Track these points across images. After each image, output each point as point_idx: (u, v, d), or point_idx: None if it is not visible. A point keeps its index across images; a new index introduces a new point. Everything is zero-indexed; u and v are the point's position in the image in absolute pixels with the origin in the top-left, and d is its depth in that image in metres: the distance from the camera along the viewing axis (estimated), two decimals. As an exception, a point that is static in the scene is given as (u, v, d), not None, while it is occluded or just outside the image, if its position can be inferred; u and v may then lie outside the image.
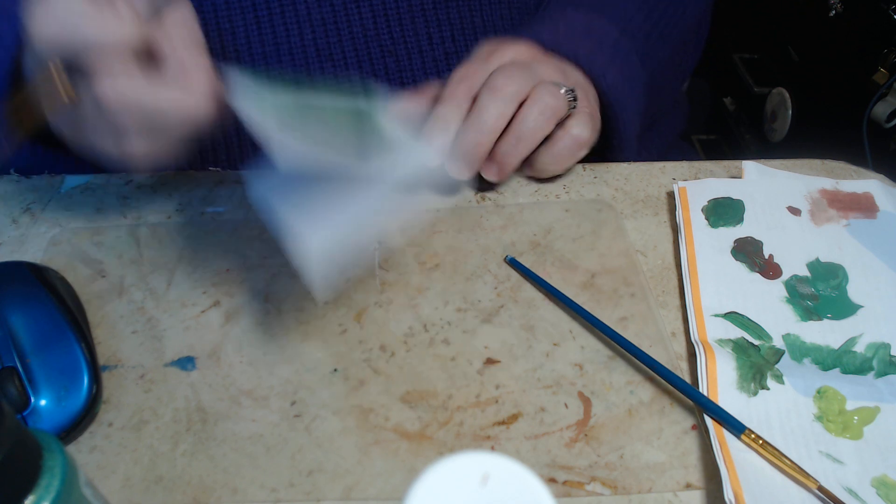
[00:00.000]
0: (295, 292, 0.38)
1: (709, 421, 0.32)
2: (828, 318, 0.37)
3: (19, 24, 0.35)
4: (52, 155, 0.49)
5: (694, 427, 0.33)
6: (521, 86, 0.39)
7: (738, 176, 0.45)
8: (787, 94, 1.04)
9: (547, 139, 0.42)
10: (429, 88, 0.43)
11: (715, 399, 0.32)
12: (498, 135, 0.40)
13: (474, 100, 0.40)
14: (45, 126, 0.37)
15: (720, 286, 0.38)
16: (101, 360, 0.35)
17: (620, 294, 0.38)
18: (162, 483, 0.30)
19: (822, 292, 0.38)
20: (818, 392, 0.33)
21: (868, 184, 0.43)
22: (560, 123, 0.41)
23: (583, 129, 0.42)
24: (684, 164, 0.47)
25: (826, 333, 0.36)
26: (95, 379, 0.32)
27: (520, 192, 0.44)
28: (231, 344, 0.36)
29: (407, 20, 0.48)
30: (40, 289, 0.34)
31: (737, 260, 0.39)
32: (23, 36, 0.34)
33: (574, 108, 0.41)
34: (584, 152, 0.43)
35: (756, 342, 0.35)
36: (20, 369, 0.31)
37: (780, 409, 0.32)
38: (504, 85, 0.39)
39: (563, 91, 0.40)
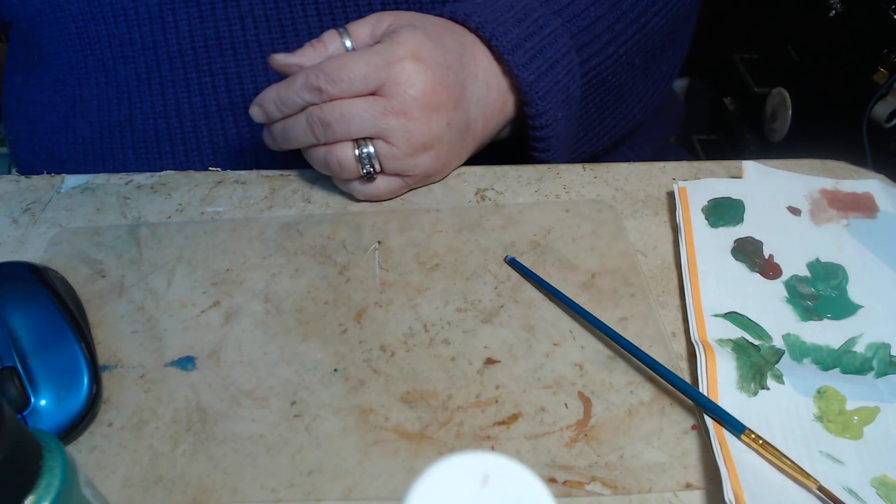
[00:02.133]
0: (295, 292, 0.38)
1: (709, 421, 0.32)
2: (828, 318, 0.37)
3: None
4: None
5: (694, 427, 0.33)
6: (347, 127, 0.39)
7: (738, 176, 0.45)
8: (787, 94, 1.03)
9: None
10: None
11: (715, 399, 0.32)
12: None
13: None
14: None
15: (720, 286, 0.38)
16: (101, 361, 0.35)
17: (620, 294, 0.38)
18: (162, 483, 0.30)
19: (822, 292, 0.38)
20: (818, 392, 0.33)
21: (868, 184, 0.43)
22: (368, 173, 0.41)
23: (368, 189, 0.42)
24: (684, 164, 0.47)
25: (826, 333, 0.36)
26: (95, 379, 0.32)
27: (520, 192, 0.44)
28: (231, 344, 0.36)
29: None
30: (40, 289, 0.34)
31: (737, 260, 0.39)
32: None
33: (368, 173, 0.41)
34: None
35: (756, 342, 0.35)
36: (20, 369, 0.31)
37: (781, 409, 0.32)
38: (335, 122, 0.39)
39: (356, 155, 0.40)
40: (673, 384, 0.33)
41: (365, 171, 0.41)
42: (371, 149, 0.40)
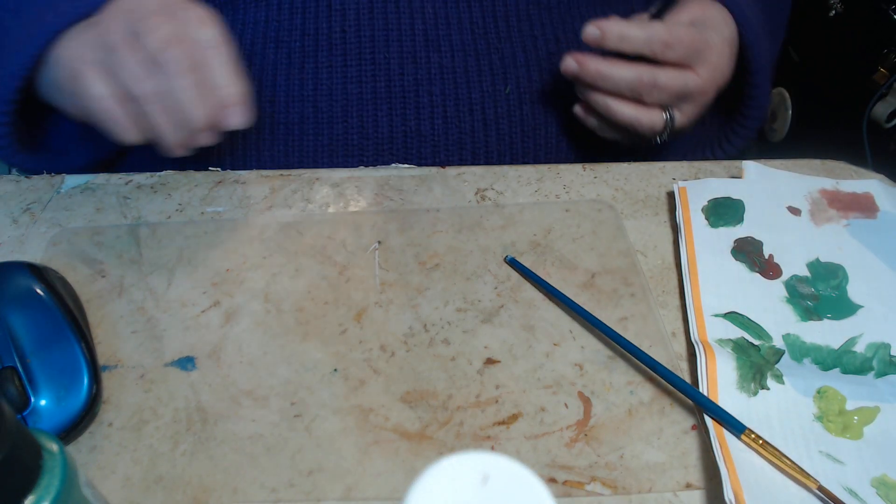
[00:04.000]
0: (295, 292, 0.38)
1: (709, 421, 0.32)
2: (828, 318, 0.37)
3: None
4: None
5: (694, 427, 0.33)
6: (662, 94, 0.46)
7: (738, 176, 0.45)
8: (787, 95, 1.04)
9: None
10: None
11: (715, 399, 0.32)
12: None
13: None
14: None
15: (720, 286, 0.38)
16: (101, 360, 0.35)
17: (620, 294, 0.38)
18: (162, 483, 0.30)
19: (822, 292, 0.38)
20: (818, 392, 0.33)
21: (868, 184, 0.43)
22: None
23: (678, 118, 0.48)
24: (684, 163, 0.47)
25: (826, 333, 0.36)
26: (95, 379, 0.32)
27: (520, 192, 0.44)
28: (231, 344, 0.36)
29: (514, 21, 0.50)
30: (40, 289, 0.34)
31: (737, 260, 0.39)
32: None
33: (668, 129, 0.47)
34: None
35: (756, 342, 0.35)
36: (20, 369, 0.31)
37: (781, 409, 0.32)
38: (652, 88, 0.45)
39: (664, 116, 0.47)
40: (673, 384, 0.33)
41: (666, 133, 0.47)
42: (672, 113, 0.47)
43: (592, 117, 0.50)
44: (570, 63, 0.46)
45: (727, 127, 0.54)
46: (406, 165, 0.46)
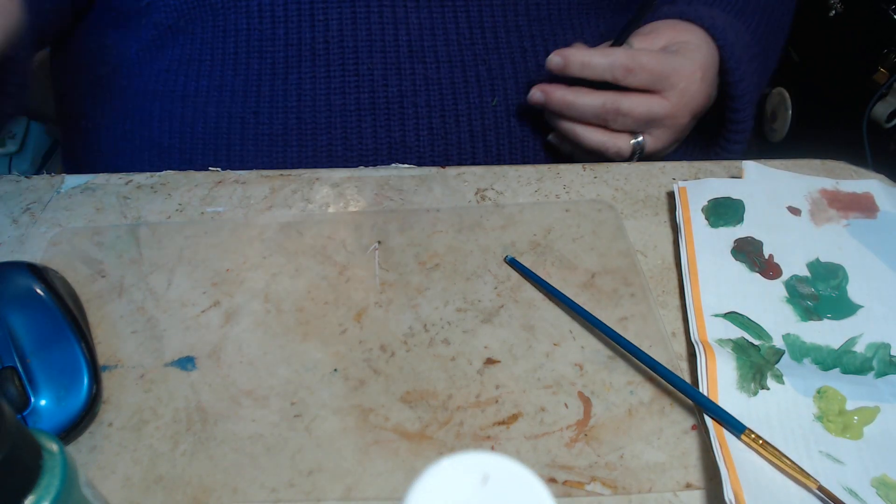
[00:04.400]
0: (295, 292, 0.38)
1: (709, 421, 0.32)
2: (828, 318, 0.37)
3: None
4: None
5: (694, 427, 0.33)
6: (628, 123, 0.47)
7: (738, 176, 0.45)
8: (787, 94, 1.04)
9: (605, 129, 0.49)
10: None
11: (715, 399, 0.32)
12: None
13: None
14: None
15: (720, 286, 0.38)
16: (101, 360, 0.35)
17: (620, 294, 0.38)
18: (162, 483, 0.30)
19: (822, 292, 0.38)
20: (818, 392, 0.33)
21: (868, 184, 0.43)
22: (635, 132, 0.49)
23: (637, 146, 0.49)
24: (684, 163, 0.47)
25: (826, 333, 0.36)
26: (95, 379, 0.32)
27: (520, 192, 0.44)
28: (231, 344, 0.36)
29: (502, 32, 0.50)
30: (40, 289, 0.34)
31: (737, 260, 0.39)
32: None
33: (638, 154, 0.49)
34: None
35: (756, 342, 0.35)
36: (20, 369, 0.31)
37: (781, 409, 0.32)
38: (621, 114, 0.46)
39: (631, 142, 0.48)
40: (673, 384, 0.33)
41: (636, 158, 0.48)
42: (641, 139, 0.48)
43: (566, 144, 0.50)
44: (537, 93, 0.48)
45: (710, 150, 0.54)
46: (406, 165, 0.46)
